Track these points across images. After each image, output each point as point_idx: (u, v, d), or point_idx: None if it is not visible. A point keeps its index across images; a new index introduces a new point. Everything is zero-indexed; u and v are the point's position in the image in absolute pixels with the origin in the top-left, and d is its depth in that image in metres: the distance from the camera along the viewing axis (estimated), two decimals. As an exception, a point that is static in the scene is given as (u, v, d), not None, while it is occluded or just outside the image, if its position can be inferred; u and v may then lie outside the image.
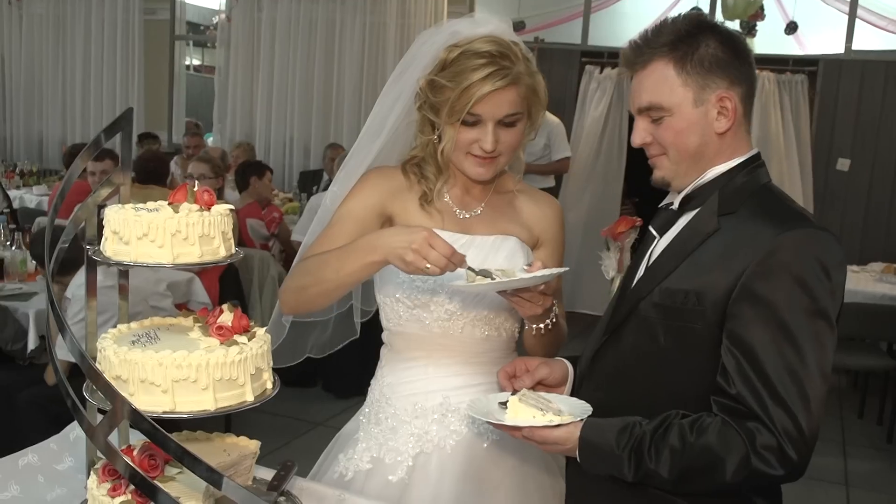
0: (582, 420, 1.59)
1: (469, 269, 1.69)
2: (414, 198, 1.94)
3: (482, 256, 1.88)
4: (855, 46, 7.33)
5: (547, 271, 1.73)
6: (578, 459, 1.60)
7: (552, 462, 2.02)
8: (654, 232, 1.73)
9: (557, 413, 1.60)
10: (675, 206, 1.68)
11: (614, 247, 1.89)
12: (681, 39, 1.59)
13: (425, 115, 1.91)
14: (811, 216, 1.56)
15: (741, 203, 1.57)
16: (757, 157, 1.65)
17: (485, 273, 1.70)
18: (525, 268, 1.78)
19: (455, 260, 1.65)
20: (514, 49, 1.85)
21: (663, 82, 1.60)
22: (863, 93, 7.19)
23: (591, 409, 1.65)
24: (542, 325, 1.85)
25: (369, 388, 2.07)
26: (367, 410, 2.05)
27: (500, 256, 1.92)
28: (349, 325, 2.18)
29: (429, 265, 1.64)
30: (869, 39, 7.46)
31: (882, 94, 7.15)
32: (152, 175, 5.72)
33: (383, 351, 2.05)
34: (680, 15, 1.64)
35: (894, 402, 5.38)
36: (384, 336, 2.04)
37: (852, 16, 7.31)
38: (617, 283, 1.84)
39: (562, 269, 1.80)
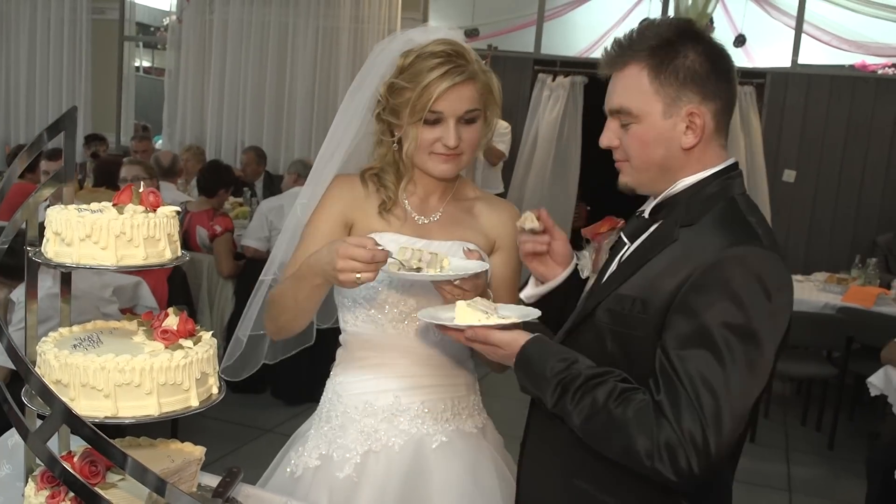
0: (527, 333, 1.61)
1: (393, 259, 1.71)
2: (373, 205, 1.97)
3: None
4: (801, 60, 7.49)
5: (454, 270, 1.75)
6: (514, 368, 1.61)
7: (504, 467, 2.03)
8: (624, 238, 1.72)
9: (503, 318, 1.63)
10: (647, 214, 1.67)
11: (590, 247, 1.90)
12: (661, 46, 1.56)
13: (385, 123, 1.94)
14: (766, 235, 1.52)
15: (703, 215, 1.55)
16: (731, 167, 1.62)
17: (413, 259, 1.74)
18: (465, 250, 1.85)
19: (378, 259, 1.65)
20: (468, 49, 1.92)
21: (635, 87, 1.58)
22: (808, 105, 7.35)
23: (538, 312, 1.69)
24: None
25: (324, 388, 2.08)
26: (319, 408, 2.06)
27: (454, 258, 1.93)
28: (306, 331, 2.16)
29: (359, 275, 1.65)
30: (814, 54, 7.62)
31: (826, 108, 7.31)
32: (110, 179, 5.61)
33: (339, 351, 2.07)
34: (668, 18, 1.62)
35: (835, 410, 5.48)
36: (341, 337, 2.05)
37: (798, 30, 7.46)
38: (591, 283, 1.84)
39: (476, 268, 1.78)
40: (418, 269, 1.73)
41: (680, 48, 1.56)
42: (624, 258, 1.66)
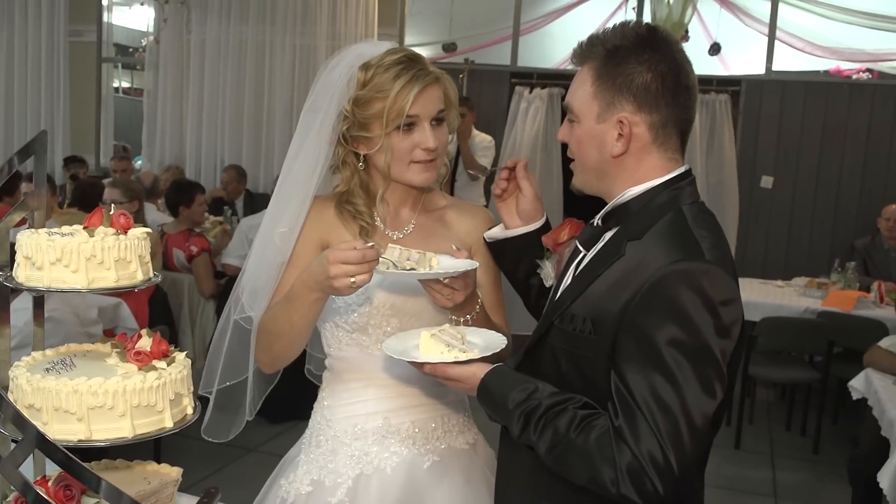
0: (487, 364, 1.60)
1: (383, 258, 1.70)
2: (345, 226, 1.93)
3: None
4: (775, 67, 7.56)
5: (444, 268, 1.75)
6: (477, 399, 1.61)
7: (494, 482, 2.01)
8: (580, 246, 1.71)
9: (464, 350, 1.61)
10: (597, 222, 1.67)
11: (552, 258, 1.89)
12: (614, 51, 1.56)
13: (349, 142, 1.90)
14: (711, 247, 1.49)
15: (648, 228, 1.53)
16: (682, 175, 1.60)
17: (403, 259, 1.74)
18: (453, 250, 1.84)
19: (369, 258, 1.64)
20: (421, 55, 1.93)
21: (580, 87, 1.61)
22: (783, 112, 7.41)
23: (504, 341, 1.68)
24: (464, 318, 1.85)
25: (312, 412, 2.06)
26: (307, 433, 2.04)
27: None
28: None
29: (354, 279, 1.64)
30: (789, 60, 7.69)
31: (802, 113, 7.37)
32: (85, 200, 5.59)
33: (325, 375, 2.04)
34: (638, 23, 1.60)
35: (819, 414, 5.51)
36: (326, 361, 2.03)
37: (772, 38, 7.53)
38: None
39: (467, 266, 1.77)
40: (411, 269, 1.72)
41: (630, 55, 1.55)
42: (578, 271, 1.65)
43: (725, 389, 1.47)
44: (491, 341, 1.70)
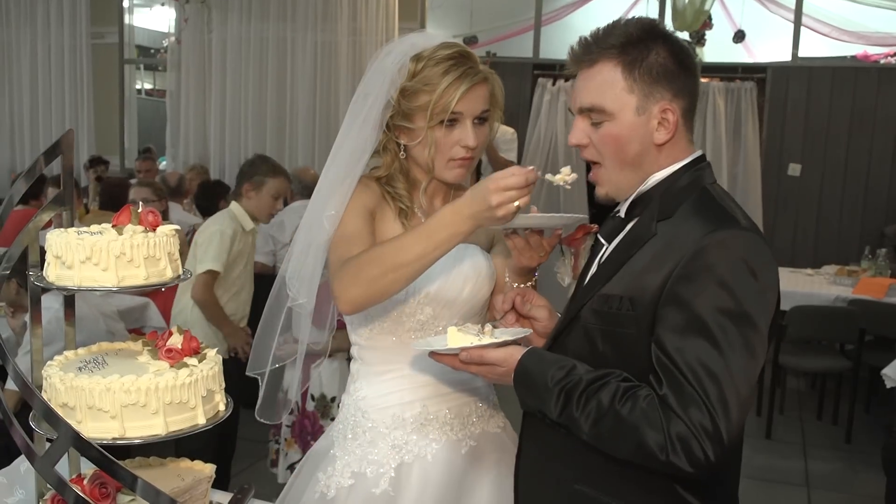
0: (522, 347, 1.62)
1: None
2: (387, 207, 1.96)
3: (449, 263, 1.92)
4: (801, 53, 7.48)
5: (570, 215, 1.79)
6: (513, 385, 1.61)
7: None
8: (601, 239, 1.73)
9: (497, 337, 1.64)
10: (622, 213, 1.68)
11: (568, 252, 1.89)
12: (631, 43, 1.58)
13: (393, 130, 1.93)
14: (743, 217, 1.54)
15: (678, 207, 1.57)
16: (700, 158, 1.64)
17: None
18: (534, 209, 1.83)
19: (531, 180, 1.61)
20: (473, 52, 1.94)
21: (608, 85, 1.59)
22: (810, 99, 7.33)
23: (528, 329, 1.72)
24: (525, 285, 1.88)
25: (341, 404, 2.07)
26: (339, 426, 2.04)
27: (465, 263, 1.97)
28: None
29: (517, 203, 1.61)
30: (815, 46, 7.61)
31: (829, 100, 7.29)
32: (114, 201, 5.63)
33: (354, 366, 2.06)
34: (634, 18, 1.63)
35: (851, 403, 5.45)
36: (354, 351, 2.05)
37: (797, 24, 7.45)
38: (573, 287, 1.84)
39: (586, 217, 1.83)
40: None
41: (651, 45, 1.58)
42: (603, 259, 1.67)
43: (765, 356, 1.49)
44: (515, 331, 1.72)
